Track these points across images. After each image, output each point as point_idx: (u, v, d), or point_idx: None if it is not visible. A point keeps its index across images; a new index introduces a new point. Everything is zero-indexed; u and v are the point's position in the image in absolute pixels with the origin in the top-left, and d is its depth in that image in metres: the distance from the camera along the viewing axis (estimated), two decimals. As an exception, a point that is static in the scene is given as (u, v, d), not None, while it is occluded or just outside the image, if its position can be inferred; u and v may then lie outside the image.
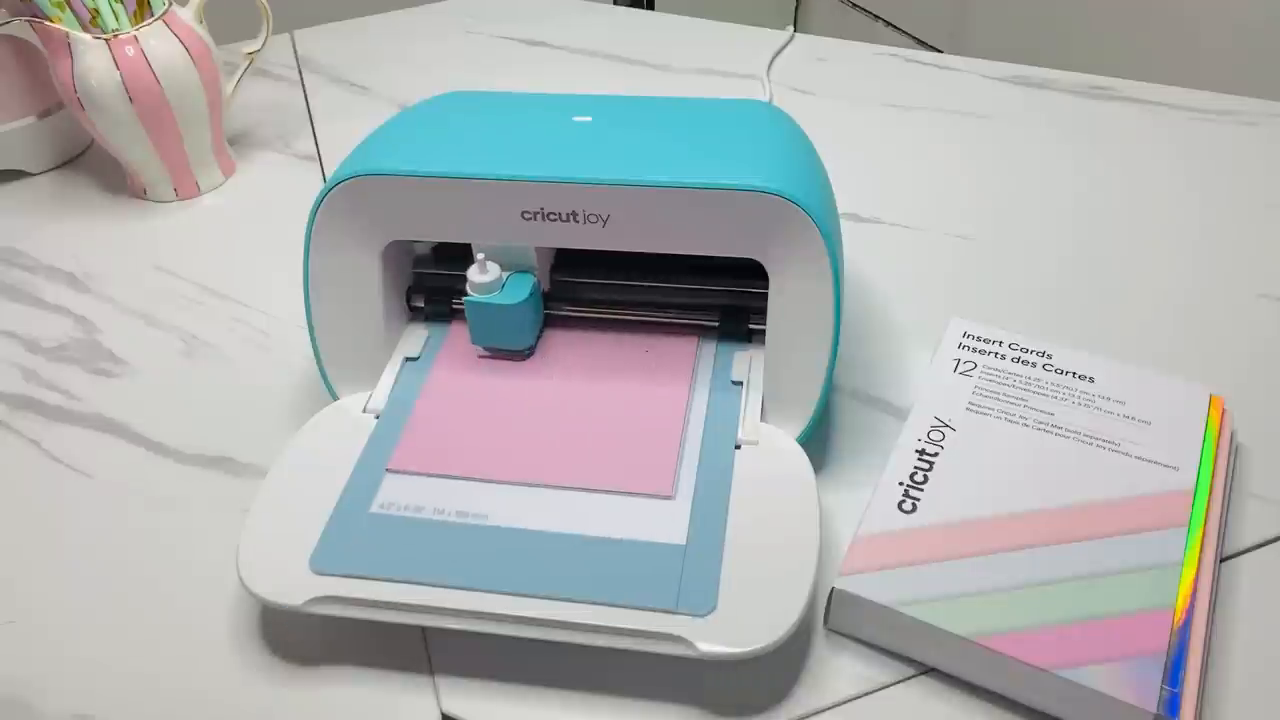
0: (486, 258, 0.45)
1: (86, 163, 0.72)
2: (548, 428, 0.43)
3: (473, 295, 0.45)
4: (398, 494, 0.40)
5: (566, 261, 0.48)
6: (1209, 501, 0.40)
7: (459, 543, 0.38)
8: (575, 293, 0.48)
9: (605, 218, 0.42)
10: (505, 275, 0.45)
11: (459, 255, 0.49)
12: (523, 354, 0.46)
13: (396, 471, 0.41)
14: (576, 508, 0.39)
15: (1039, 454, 0.42)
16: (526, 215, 0.42)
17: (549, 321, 0.48)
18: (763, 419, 0.43)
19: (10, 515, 0.45)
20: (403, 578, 0.37)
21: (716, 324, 0.47)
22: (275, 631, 0.40)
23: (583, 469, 0.41)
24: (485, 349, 0.47)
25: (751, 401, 0.44)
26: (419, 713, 0.37)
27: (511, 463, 0.41)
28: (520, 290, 0.45)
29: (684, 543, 0.38)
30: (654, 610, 0.35)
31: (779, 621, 0.35)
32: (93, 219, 0.66)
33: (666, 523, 0.39)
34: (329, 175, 0.44)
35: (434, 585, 0.36)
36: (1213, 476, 0.41)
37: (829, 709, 0.37)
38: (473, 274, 0.44)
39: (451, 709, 0.37)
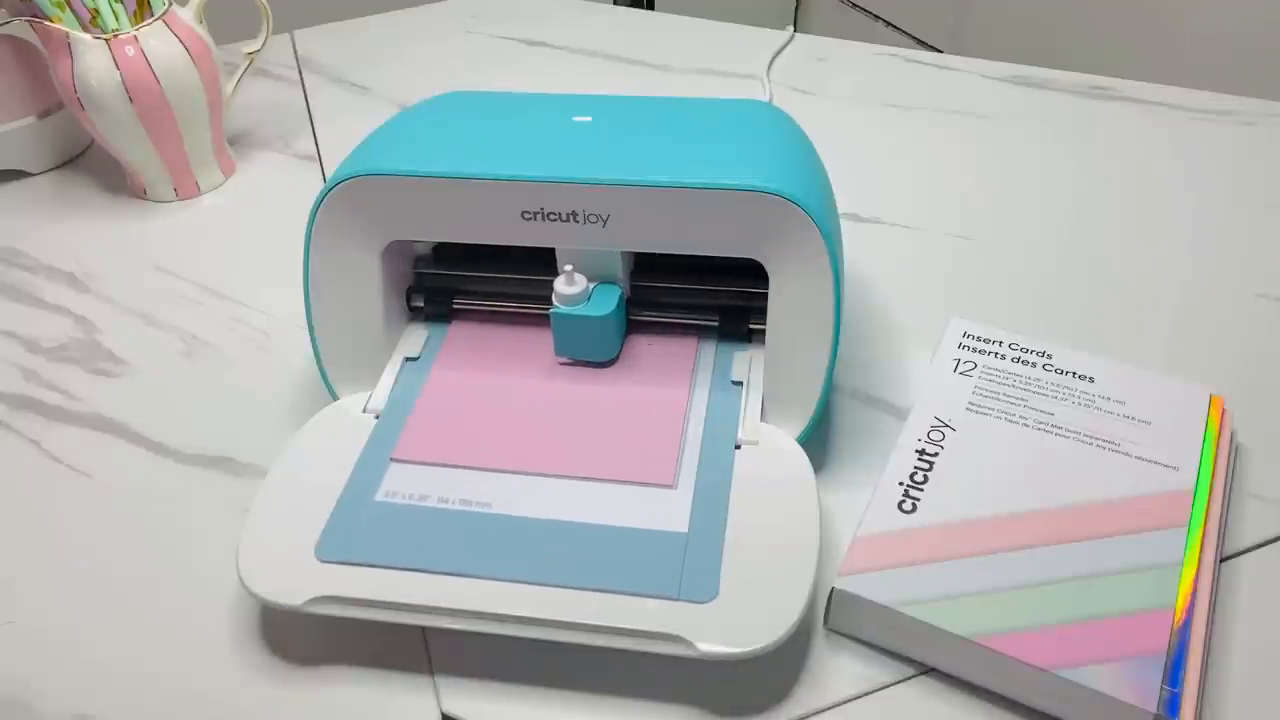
0: (574, 269, 0.45)
1: (86, 163, 0.72)
2: (549, 423, 0.43)
3: (560, 307, 0.44)
4: (402, 483, 0.41)
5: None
6: (1209, 501, 0.40)
7: (463, 530, 0.38)
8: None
9: (605, 218, 0.42)
10: (591, 286, 0.45)
11: (459, 255, 0.49)
12: (606, 363, 0.46)
13: (401, 461, 0.42)
14: (579, 497, 0.40)
15: (1039, 454, 0.42)
16: (526, 215, 0.42)
17: (548, 321, 0.48)
18: (763, 419, 0.43)
19: (10, 515, 0.45)
20: (408, 565, 0.37)
21: (716, 324, 0.47)
22: (275, 631, 0.40)
23: (585, 460, 0.41)
24: (568, 359, 0.46)
25: (751, 401, 0.44)
26: (419, 713, 0.37)
27: (514, 453, 0.42)
28: (608, 302, 0.45)
29: (685, 531, 0.38)
30: (655, 597, 0.36)
31: (779, 621, 0.35)
32: (93, 219, 0.66)
33: (668, 512, 0.39)
34: (329, 175, 0.44)
35: (438, 573, 0.37)
36: (1213, 476, 0.41)
37: (829, 709, 0.37)
38: (560, 285, 0.44)
39: (451, 709, 0.37)
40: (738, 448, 0.42)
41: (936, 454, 0.42)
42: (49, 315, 0.57)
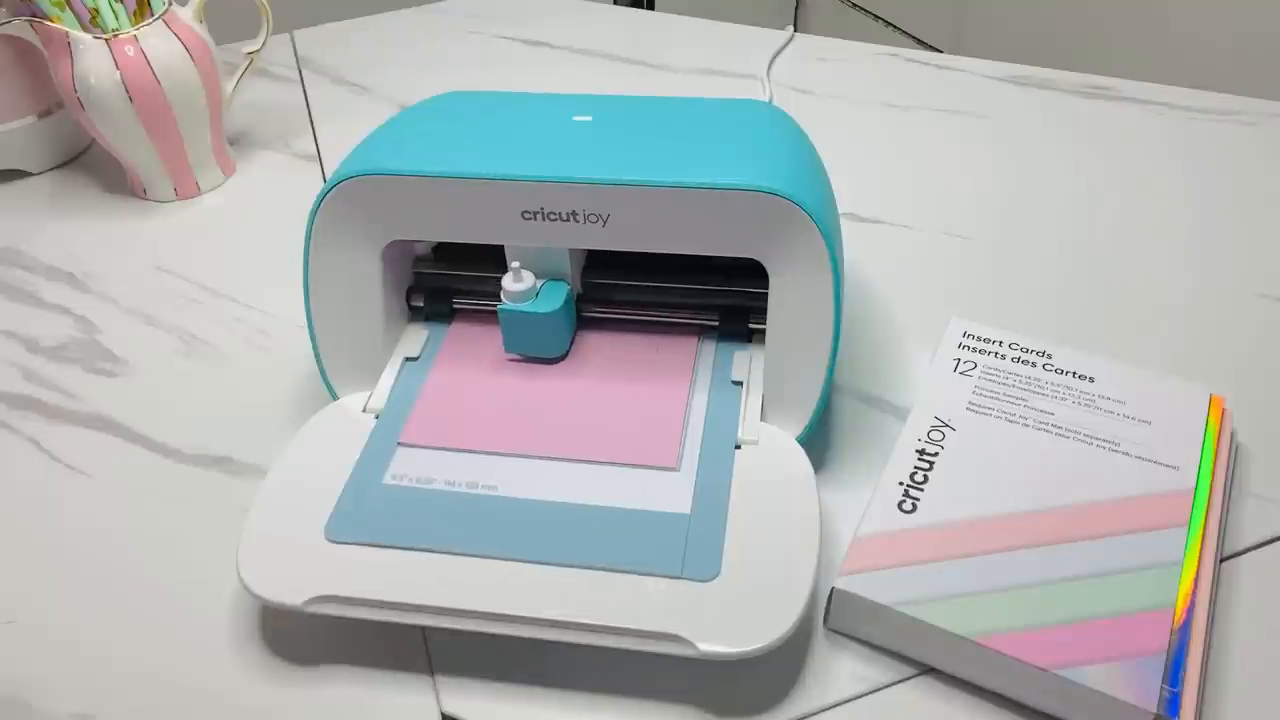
0: (521, 266, 0.45)
1: (86, 163, 0.72)
2: (552, 414, 0.43)
3: (507, 304, 0.44)
4: (409, 467, 0.41)
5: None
6: (1209, 501, 0.40)
7: (471, 512, 0.39)
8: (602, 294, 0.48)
9: (605, 218, 0.42)
10: (539, 283, 0.45)
11: (459, 255, 0.49)
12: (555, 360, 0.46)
13: (408, 445, 0.42)
14: (584, 479, 0.40)
15: (1039, 454, 0.42)
16: (526, 215, 0.42)
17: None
18: (763, 419, 0.43)
19: (10, 515, 0.45)
20: (417, 545, 0.38)
21: (716, 324, 0.47)
22: (275, 631, 0.40)
23: (589, 445, 0.42)
24: (518, 355, 0.46)
25: (751, 401, 0.44)
26: (419, 713, 0.37)
27: (519, 438, 0.42)
28: (555, 299, 0.45)
29: (688, 512, 0.39)
30: (659, 575, 0.36)
31: (779, 621, 0.35)
32: (93, 219, 0.66)
33: (671, 493, 0.40)
34: (329, 175, 0.44)
35: (447, 552, 0.37)
36: (1213, 476, 0.41)
37: (829, 709, 0.37)
38: (507, 282, 0.44)
39: (451, 709, 0.37)
40: (738, 447, 0.42)
41: (936, 454, 0.42)
42: (49, 315, 0.57)
